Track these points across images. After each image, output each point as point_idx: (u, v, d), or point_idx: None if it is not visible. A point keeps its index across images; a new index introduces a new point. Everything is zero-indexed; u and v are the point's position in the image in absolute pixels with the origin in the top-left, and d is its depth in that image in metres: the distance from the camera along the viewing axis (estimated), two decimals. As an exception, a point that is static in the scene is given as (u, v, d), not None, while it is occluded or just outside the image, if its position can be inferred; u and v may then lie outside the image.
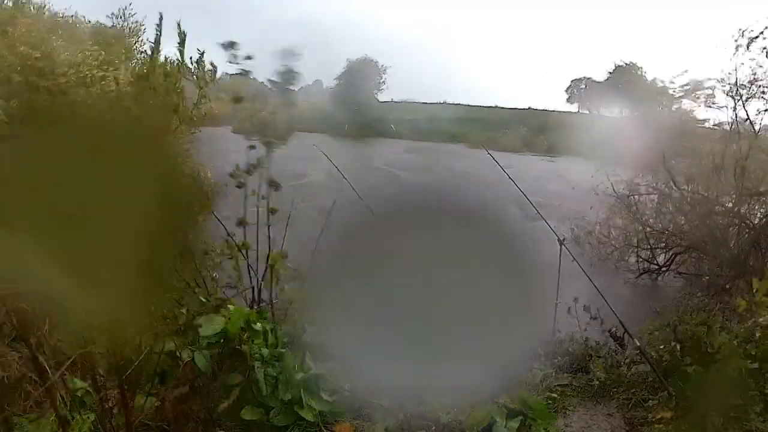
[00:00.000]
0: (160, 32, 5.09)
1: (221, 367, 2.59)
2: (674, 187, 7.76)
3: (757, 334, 3.15)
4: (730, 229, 7.26)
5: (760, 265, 6.69)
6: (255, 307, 3.32)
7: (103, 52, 6.62)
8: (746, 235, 6.99)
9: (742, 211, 7.11)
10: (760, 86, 6.82)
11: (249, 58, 3.09)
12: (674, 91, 8.90)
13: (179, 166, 3.21)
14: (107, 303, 1.97)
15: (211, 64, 4.53)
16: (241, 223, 3.23)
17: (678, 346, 3.39)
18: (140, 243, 2.00)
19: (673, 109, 8.60)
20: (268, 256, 3.25)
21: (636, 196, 8.35)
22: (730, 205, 7.23)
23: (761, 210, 7.15)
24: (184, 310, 2.69)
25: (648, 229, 8.21)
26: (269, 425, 2.66)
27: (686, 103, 8.12)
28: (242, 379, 2.63)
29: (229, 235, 3.26)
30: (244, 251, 3.34)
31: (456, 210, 2.90)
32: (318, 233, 3.12)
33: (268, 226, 3.30)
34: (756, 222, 7.00)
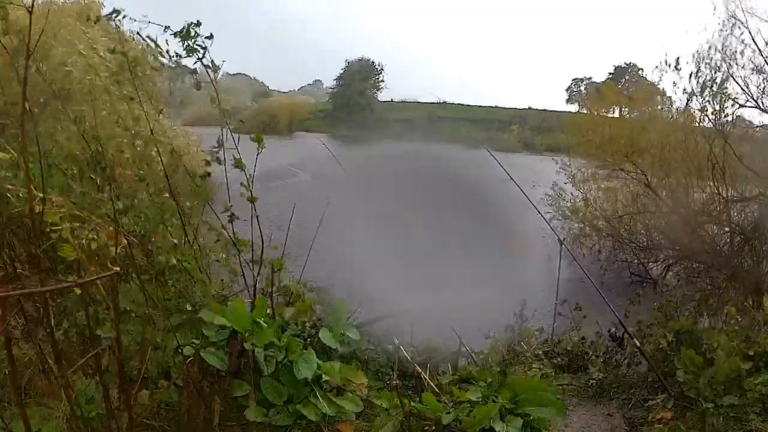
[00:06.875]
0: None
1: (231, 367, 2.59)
2: (661, 202, 7.81)
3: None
4: (720, 236, 7.32)
5: (755, 265, 6.74)
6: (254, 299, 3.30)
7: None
8: (737, 239, 7.05)
9: (731, 217, 7.16)
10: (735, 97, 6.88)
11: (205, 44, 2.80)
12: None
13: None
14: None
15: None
16: (231, 218, 3.18)
17: (671, 342, 3.42)
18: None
19: (673, 110, 8.64)
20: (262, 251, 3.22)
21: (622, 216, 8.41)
22: (716, 213, 7.28)
23: (750, 214, 7.20)
24: (189, 306, 2.69)
25: (636, 245, 8.27)
26: (270, 425, 2.65)
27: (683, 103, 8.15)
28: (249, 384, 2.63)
29: (225, 228, 3.24)
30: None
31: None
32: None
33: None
34: (745, 226, 7.04)
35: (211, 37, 2.73)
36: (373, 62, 31.53)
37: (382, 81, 31.24)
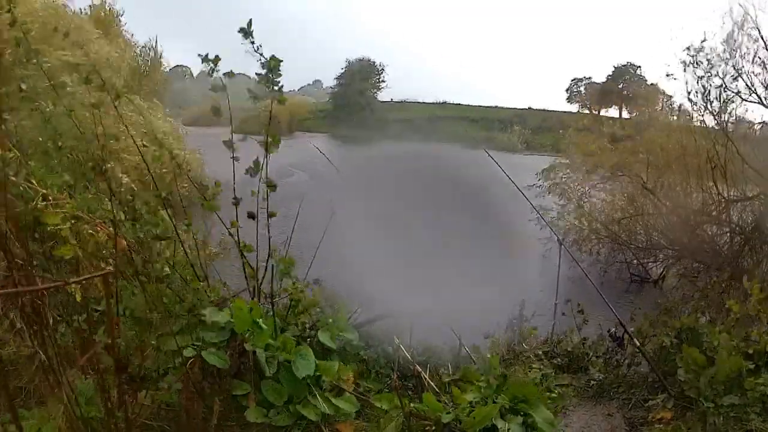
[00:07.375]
0: None
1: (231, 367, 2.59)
2: (659, 203, 7.80)
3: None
4: (721, 236, 7.30)
5: (755, 264, 6.73)
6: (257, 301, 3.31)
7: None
8: (737, 239, 7.04)
9: (732, 217, 7.15)
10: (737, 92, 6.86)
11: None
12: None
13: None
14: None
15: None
16: (251, 216, 3.19)
17: (672, 341, 3.41)
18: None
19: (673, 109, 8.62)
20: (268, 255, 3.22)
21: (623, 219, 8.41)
22: (716, 213, 7.27)
23: (750, 214, 7.19)
24: (184, 311, 2.69)
25: (635, 246, 8.27)
26: (270, 425, 2.65)
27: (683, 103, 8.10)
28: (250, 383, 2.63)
29: (230, 235, 3.24)
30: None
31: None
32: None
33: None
34: (745, 226, 7.03)
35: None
36: (373, 62, 31.58)
37: (383, 81, 31.29)
